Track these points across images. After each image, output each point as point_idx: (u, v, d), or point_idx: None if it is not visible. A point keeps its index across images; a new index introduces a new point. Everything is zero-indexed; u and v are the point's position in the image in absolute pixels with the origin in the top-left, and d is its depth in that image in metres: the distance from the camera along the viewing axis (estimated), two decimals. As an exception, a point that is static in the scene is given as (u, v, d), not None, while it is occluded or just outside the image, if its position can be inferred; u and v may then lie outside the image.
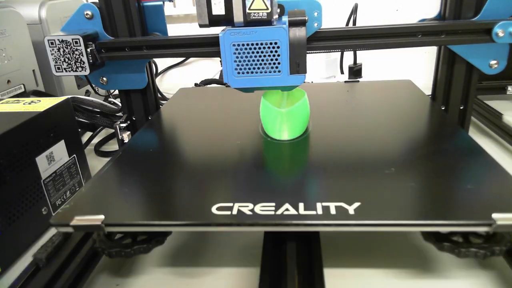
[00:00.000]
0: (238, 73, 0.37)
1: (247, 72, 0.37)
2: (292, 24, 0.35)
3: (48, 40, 0.41)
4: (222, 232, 0.36)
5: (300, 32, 0.35)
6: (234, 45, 0.36)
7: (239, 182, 0.33)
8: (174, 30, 0.44)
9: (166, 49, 0.43)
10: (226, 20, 0.35)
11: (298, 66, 0.36)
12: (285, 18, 0.36)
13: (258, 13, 0.34)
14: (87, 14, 0.43)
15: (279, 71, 0.36)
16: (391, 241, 0.34)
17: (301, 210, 0.28)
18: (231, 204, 0.29)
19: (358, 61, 0.70)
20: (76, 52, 0.41)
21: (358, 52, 0.69)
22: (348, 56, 0.77)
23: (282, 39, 0.35)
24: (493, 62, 0.41)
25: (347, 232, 0.31)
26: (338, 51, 0.70)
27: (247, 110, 0.48)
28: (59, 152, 0.41)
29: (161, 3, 0.45)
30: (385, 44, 0.41)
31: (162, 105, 0.52)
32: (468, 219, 0.26)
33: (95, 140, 0.60)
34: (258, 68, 0.36)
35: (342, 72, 0.78)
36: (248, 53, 0.36)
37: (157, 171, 0.35)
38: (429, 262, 0.32)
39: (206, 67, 0.86)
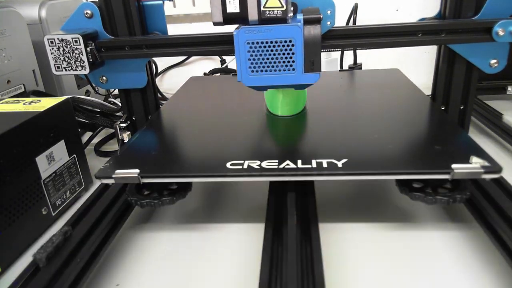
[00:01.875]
0: (252, 71, 0.37)
1: (261, 71, 0.37)
2: (307, 22, 0.35)
3: (48, 39, 0.41)
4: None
5: (315, 30, 0.35)
6: (248, 43, 0.36)
7: (248, 145, 0.39)
8: (174, 30, 0.44)
9: (165, 48, 0.43)
10: (240, 18, 0.35)
11: (312, 64, 0.36)
12: (299, 16, 0.36)
13: (273, 11, 0.34)
14: (86, 13, 0.43)
15: (293, 69, 0.36)
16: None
17: (299, 165, 0.34)
18: (242, 161, 0.35)
19: (357, 61, 0.70)
20: (76, 51, 0.41)
21: (357, 52, 0.69)
22: (348, 56, 0.77)
23: (297, 37, 0.35)
24: (493, 61, 0.41)
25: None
26: (338, 51, 0.70)
27: (253, 94, 0.51)
28: (59, 152, 0.41)
29: (161, 2, 0.45)
30: (385, 43, 0.41)
31: (162, 105, 0.52)
32: (433, 169, 0.32)
33: (95, 140, 0.60)
34: (272, 66, 0.37)
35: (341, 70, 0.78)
36: (263, 51, 0.36)
37: (179, 138, 0.41)
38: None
39: (206, 67, 0.86)
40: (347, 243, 0.35)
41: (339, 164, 0.33)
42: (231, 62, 0.81)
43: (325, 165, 0.33)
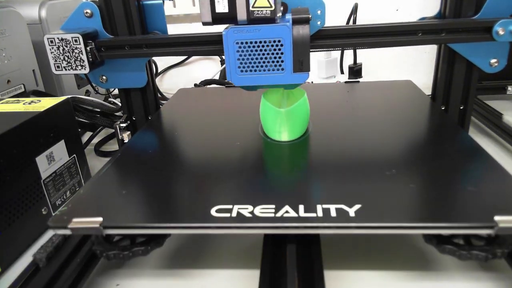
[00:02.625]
0: (241, 71, 0.37)
1: (250, 70, 0.37)
2: (295, 22, 0.35)
3: (47, 39, 0.41)
4: (222, 234, 0.36)
5: (303, 30, 0.35)
6: (237, 43, 0.36)
7: (238, 184, 0.33)
8: (174, 30, 0.44)
9: (165, 48, 0.43)
10: (229, 18, 0.35)
11: (301, 64, 0.36)
12: (288, 16, 0.36)
13: (262, 11, 0.34)
14: (86, 12, 0.43)
15: (282, 69, 0.36)
16: (392, 243, 0.34)
17: (301, 212, 0.28)
18: (230, 206, 0.29)
19: (358, 61, 0.70)
20: (75, 51, 0.41)
21: (357, 52, 0.69)
22: (348, 56, 0.77)
23: (286, 37, 0.35)
24: (493, 60, 0.41)
25: (348, 234, 0.31)
26: (339, 50, 0.70)
27: (247, 111, 0.48)
28: (59, 152, 0.41)
29: (160, 1, 0.45)
30: (385, 43, 0.41)
31: (162, 105, 0.52)
32: (470, 222, 0.26)
33: (95, 140, 0.60)
34: (262, 66, 0.36)
35: (342, 72, 0.78)
36: (252, 51, 0.36)
37: (156, 172, 0.35)
38: (429, 264, 0.32)
39: (206, 67, 0.86)
40: None
41: (351, 212, 0.27)
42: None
43: (333, 213, 0.27)
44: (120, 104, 0.52)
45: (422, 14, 0.47)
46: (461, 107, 0.45)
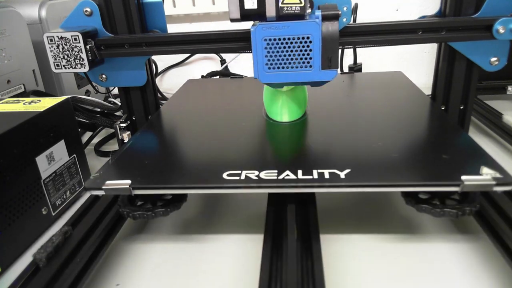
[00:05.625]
0: (269, 68, 0.37)
1: (278, 67, 0.37)
2: (325, 18, 0.35)
3: (47, 37, 0.41)
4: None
5: (333, 27, 0.35)
6: (265, 39, 0.36)
7: (245, 154, 0.37)
8: (174, 30, 0.44)
9: (165, 46, 0.43)
10: (258, 14, 0.35)
11: (330, 61, 0.36)
12: (318, 13, 0.35)
13: (291, 7, 0.34)
14: (86, 11, 0.43)
15: (310, 66, 0.36)
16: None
17: (300, 175, 0.32)
18: (239, 171, 0.33)
19: (358, 61, 0.70)
20: (75, 49, 0.41)
21: (357, 52, 0.69)
22: (348, 56, 0.77)
23: (315, 33, 0.35)
24: (493, 59, 0.41)
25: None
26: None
27: (251, 98, 0.52)
28: (59, 152, 0.41)
29: (160, 0, 0.45)
30: (385, 41, 0.41)
31: (162, 105, 0.52)
32: (441, 180, 0.30)
33: (95, 140, 0.60)
34: (290, 63, 0.36)
35: (342, 72, 0.78)
36: (280, 48, 0.36)
37: (174, 146, 0.39)
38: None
39: (206, 67, 0.86)
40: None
41: (342, 175, 0.32)
42: (231, 62, 0.81)
43: (327, 176, 0.32)
44: (120, 104, 0.52)
45: (422, 14, 0.47)
46: (461, 107, 0.45)
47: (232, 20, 0.35)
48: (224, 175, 0.32)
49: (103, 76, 0.46)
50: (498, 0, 0.39)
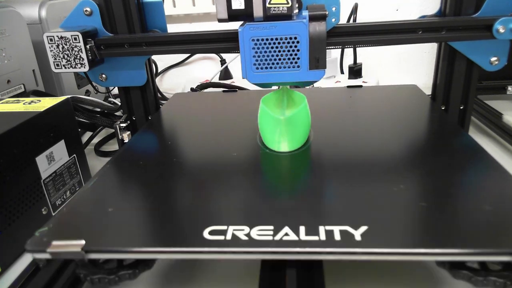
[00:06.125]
0: (257, 68, 0.36)
1: (266, 68, 0.36)
2: (312, 18, 0.35)
3: (47, 37, 0.41)
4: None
5: (320, 27, 0.35)
6: (253, 40, 0.35)
7: (234, 201, 0.30)
8: (174, 30, 0.44)
9: (165, 46, 0.43)
10: (245, 14, 0.35)
11: (317, 62, 0.36)
12: (305, 13, 0.35)
13: (278, 7, 0.34)
14: (86, 10, 0.43)
15: (298, 66, 0.36)
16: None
17: (302, 235, 0.25)
18: (225, 228, 0.26)
19: (358, 61, 0.70)
20: (75, 49, 0.41)
21: (357, 52, 0.69)
22: (348, 56, 0.77)
23: (302, 33, 0.35)
24: (493, 58, 0.41)
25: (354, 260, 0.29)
26: (339, 48, 0.70)
27: (245, 117, 0.46)
28: (59, 152, 0.41)
29: (160, 0, 0.45)
30: (385, 41, 0.41)
31: (162, 104, 0.52)
32: (487, 247, 0.24)
33: (95, 140, 0.60)
34: (277, 63, 0.36)
35: (342, 72, 0.78)
36: (267, 48, 0.36)
37: (146, 188, 0.33)
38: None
39: (206, 67, 0.86)
40: None
41: (357, 235, 0.25)
42: (231, 62, 0.81)
43: (337, 236, 0.25)
44: (120, 104, 0.52)
45: (422, 14, 0.47)
46: (461, 107, 0.45)
47: (220, 20, 0.35)
48: (205, 233, 0.26)
49: (103, 75, 0.46)
50: (498, 0, 0.39)
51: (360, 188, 0.30)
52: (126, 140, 0.47)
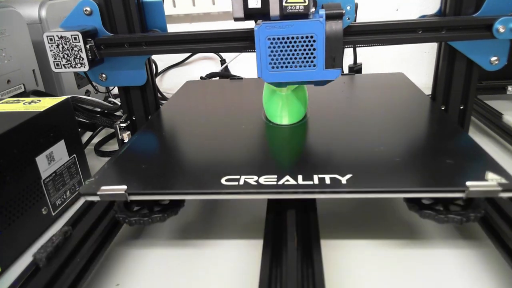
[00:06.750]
0: (273, 67, 0.36)
1: (282, 67, 0.36)
2: (329, 17, 0.35)
3: (47, 36, 0.41)
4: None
5: (336, 26, 0.35)
6: (269, 39, 0.35)
7: (245, 158, 0.36)
8: (174, 30, 0.44)
9: (165, 46, 0.43)
10: (262, 13, 0.35)
11: (333, 61, 0.36)
12: (321, 12, 0.35)
13: (295, 6, 0.34)
14: (86, 10, 0.43)
15: (314, 65, 0.36)
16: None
17: (300, 181, 0.31)
18: (238, 176, 0.32)
19: (358, 61, 0.70)
20: (75, 48, 0.41)
21: (357, 52, 0.69)
22: (348, 56, 0.77)
23: (319, 32, 0.35)
24: (493, 58, 0.41)
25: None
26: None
27: (251, 100, 0.52)
28: (59, 152, 0.41)
29: (160, 0, 0.45)
30: (386, 40, 0.41)
31: (162, 104, 0.52)
32: (445, 186, 0.29)
33: (95, 140, 0.60)
34: (293, 62, 0.36)
35: (342, 73, 0.78)
36: (283, 47, 0.36)
37: (172, 150, 0.39)
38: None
39: (206, 67, 0.86)
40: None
41: (343, 180, 0.31)
42: (231, 62, 0.81)
43: (328, 181, 0.31)
44: (120, 104, 0.52)
45: (422, 13, 0.47)
46: (461, 107, 0.45)
47: (236, 19, 0.35)
48: (223, 180, 0.32)
49: (103, 75, 0.46)
50: (498, 0, 0.39)
51: (347, 148, 0.37)
52: (126, 140, 0.47)
